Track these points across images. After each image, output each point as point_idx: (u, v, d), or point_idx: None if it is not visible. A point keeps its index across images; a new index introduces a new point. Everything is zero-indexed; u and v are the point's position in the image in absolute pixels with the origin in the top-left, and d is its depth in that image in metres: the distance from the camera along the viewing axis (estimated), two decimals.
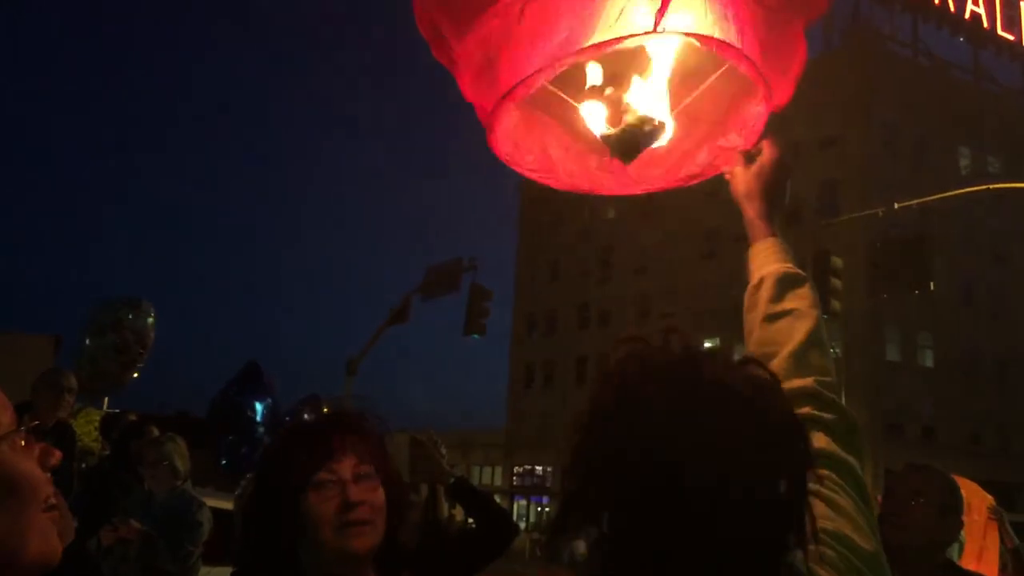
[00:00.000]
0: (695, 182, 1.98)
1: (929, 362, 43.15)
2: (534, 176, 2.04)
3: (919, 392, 41.30)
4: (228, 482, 8.22)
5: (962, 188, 19.78)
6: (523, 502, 55.38)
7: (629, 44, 1.70)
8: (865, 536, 1.25)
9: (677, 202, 42.63)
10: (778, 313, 1.53)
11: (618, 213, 53.67)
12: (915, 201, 16.80)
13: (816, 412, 1.37)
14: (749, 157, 1.74)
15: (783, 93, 1.81)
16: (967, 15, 45.84)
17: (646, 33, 1.67)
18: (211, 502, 5.30)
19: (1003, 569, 3.95)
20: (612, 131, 1.79)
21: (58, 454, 1.16)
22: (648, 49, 1.79)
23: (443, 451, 3.81)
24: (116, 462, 5.65)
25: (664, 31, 1.67)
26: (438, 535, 3.77)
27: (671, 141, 1.89)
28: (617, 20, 1.66)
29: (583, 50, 1.71)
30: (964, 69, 48.47)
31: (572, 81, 1.83)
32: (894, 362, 41.51)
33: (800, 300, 1.54)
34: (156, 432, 5.48)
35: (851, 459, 1.34)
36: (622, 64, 1.81)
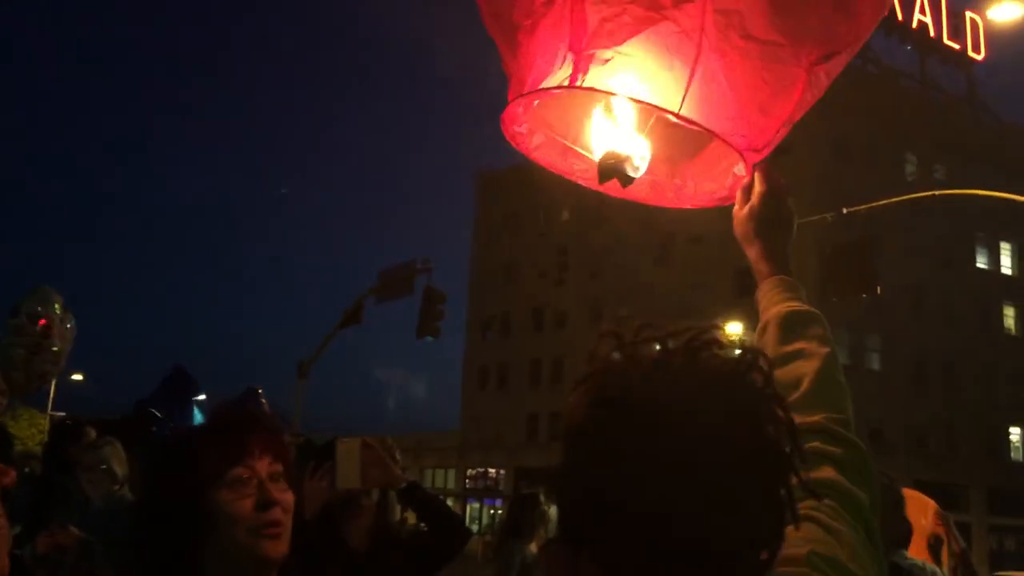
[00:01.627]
0: (712, 204, 1.88)
1: (877, 365, 43.89)
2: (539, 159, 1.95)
3: (867, 394, 42.04)
4: None
5: (909, 194, 20.13)
6: (476, 504, 55.33)
7: (559, 94, 1.67)
8: (863, 566, 1.22)
9: (631, 205, 42.71)
10: (786, 356, 1.48)
11: (572, 216, 53.88)
12: (863, 207, 17.03)
13: (824, 446, 1.34)
14: (746, 193, 1.68)
15: (761, 135, 1.68)
16: (914, 24, 46.76)
17: (560, 87, 1.62)
18: None
19: (953, 571, 4.00)
20: (599, 161, 1.74)
21: (11, 473, 1.08)
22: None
23: (397, 456, 3.76)
24: (51, 466, 5.51)
25: (581, 86, 1.60)
26: (389, 539, 3.72)
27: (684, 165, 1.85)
28: (561, 68, 1.62)
29: (524, 96, 1.69)
30: (911, 77, 49.43)
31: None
32: (843, 365, 41.93)
33: (807, 340, 1.49)
34: (93, 435, 5.35)
35: (858, 492, 1.30)
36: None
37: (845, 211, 16.67)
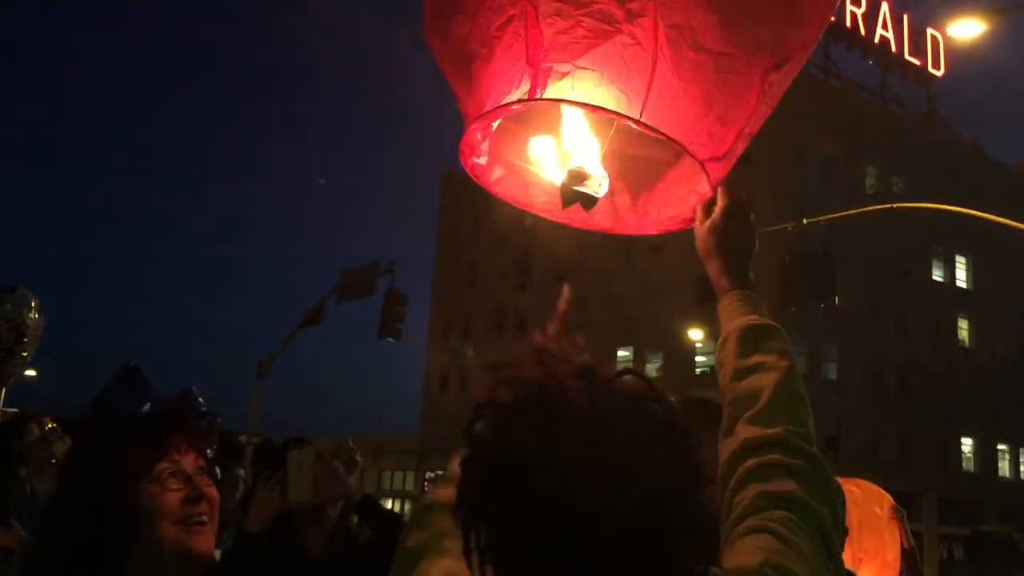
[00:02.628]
0: (675, 227, 1.88)
1: (833, 374, 44.38)
2: (498, 193, 1.95)
3: (823, 403, 42.46)
4: None
5: (868, 206, 20.37)
6: None
7: (518, 109, 1.66)
8: None
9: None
10: (745, 369, 1.50)
11: (537, 220, 53.57)
12: (823, 217, 17.23)
13: (784, 459, 1.34)
14: (707, 209, 1.69)
15: (720, 144, 1.70)
16: (876, 39, 47.40)
17: (520, 101, 1.62)
18: None
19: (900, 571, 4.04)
20: (560, 187, 1.74)
21: None
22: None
23: (358, 458, 3.72)
24: None
25: (540, 98, 1.60)
26: (346, 544, 3.69)
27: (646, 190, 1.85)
28: (519, 85, 1.62)
29: (485, 115, 1.68)
30: (872, 91, 50.11)
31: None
32: (800, 373, 42.53)
33: (766, 353, 1.50)
34: (36, 432, 5.23)
35: (817, 506, 1.30)
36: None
37: (805, 221, 16.88)
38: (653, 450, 1.04)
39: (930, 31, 49.48)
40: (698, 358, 45.35)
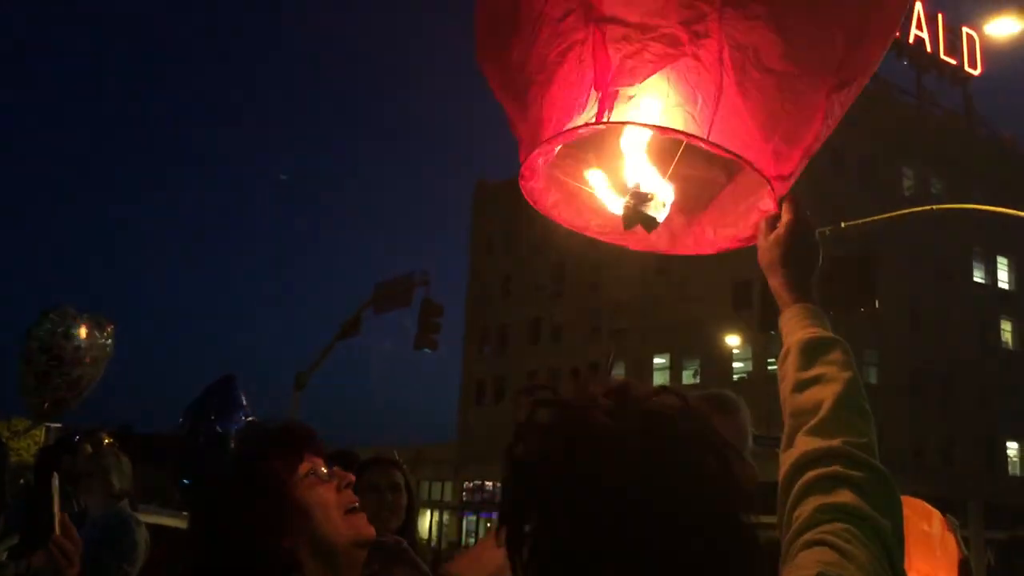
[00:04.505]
0: (737, 245, 1.90)
1: (874, 379, 43.87)
2: (559, 219, 1.99)
3: None
4: (173, 499, 8.02)
5: (906, 208, 20.16)
6: (472, 517, 55.14)
7: (585, 132, 1.68)
8: None
9: None
10: (805, 381, 1.49)
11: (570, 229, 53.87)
12: (861, 220, 17.05)
13: (844, 470, 1.34)
14: (771, 224, 1.70)
15: (787, 164, 1.71)
16: (911, 39, 46.92)
17: (587, 125, 1.63)
18: (152, 519, 5.17)
19: None
20: (623, 209, 1.76)
21: None
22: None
23: (401, 475, 3.54)
24: (42, 477, 5.44)
25: (607, 123, 1.62)
26: None
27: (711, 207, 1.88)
28: (585, 109, 1.64)
29: (548, 140, 1.70)
30: (908, 92, 49.59)
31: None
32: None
33: (827, 365, 1.50)
34: (90, 449, 5.31)
35: (880, 519, 1.28)
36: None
37: (844, 225, 16.70)
38: (686, 470, 1.05)
39: (965, 30, 48.88)
40: (735, 364, 45.02)
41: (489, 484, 54.88)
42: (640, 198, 1.71)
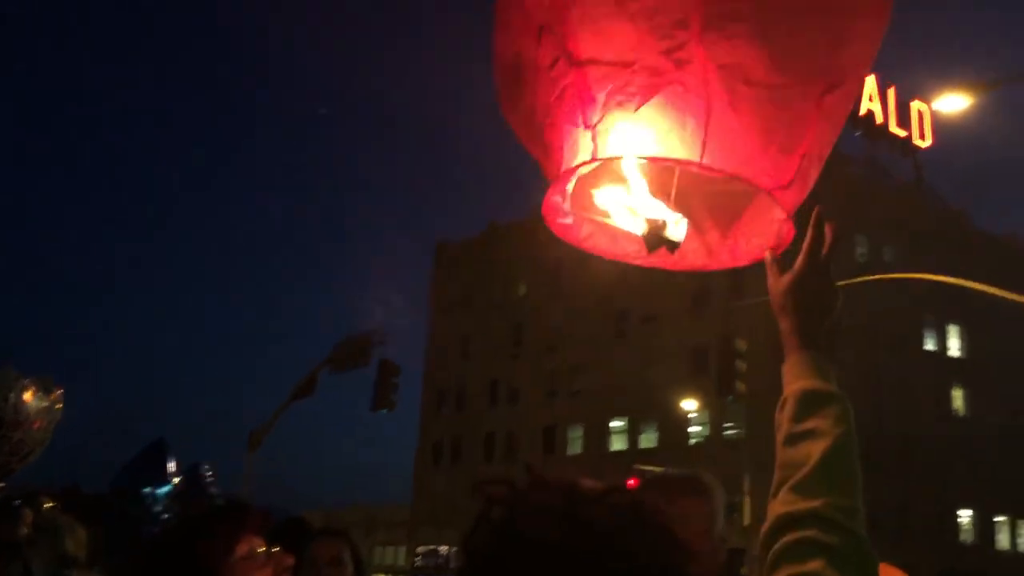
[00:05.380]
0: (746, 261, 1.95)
1: None
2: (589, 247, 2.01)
3: None
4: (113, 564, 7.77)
5: (860, 276, 20.47)
6: None
7: (583, 171, 1.74)
8: None
9: (588, 281, 43.16)
10: (798, 434, 1.46)
11: (530, 290, 54.09)
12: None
13: (820, 536, 1.31)
14: (776, 262, 1.68)
15: (785, 172, 1.73)
16: (863, 111, 48.11)
17: (584, 163, 1.70)
18: None
19: None
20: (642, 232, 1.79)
21: None
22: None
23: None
24: None
25: (600, 159, 1.68)
26: None
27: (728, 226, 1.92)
28: (582, 148, 1.71)
29: (554, 182, 1.78)
30: (861, 162, 50.76)
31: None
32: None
33: (821, 419, 1.47)
34: (30, 518, 5.02)
35: None
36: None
37: None
38: None
39: (916, 104, 50.25)
40: (691, 428, 45.09)
41: (443, 548, 54.06)
42: (654, 225, 1.74)
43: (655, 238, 1.74)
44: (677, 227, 1.75)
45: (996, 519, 48.81)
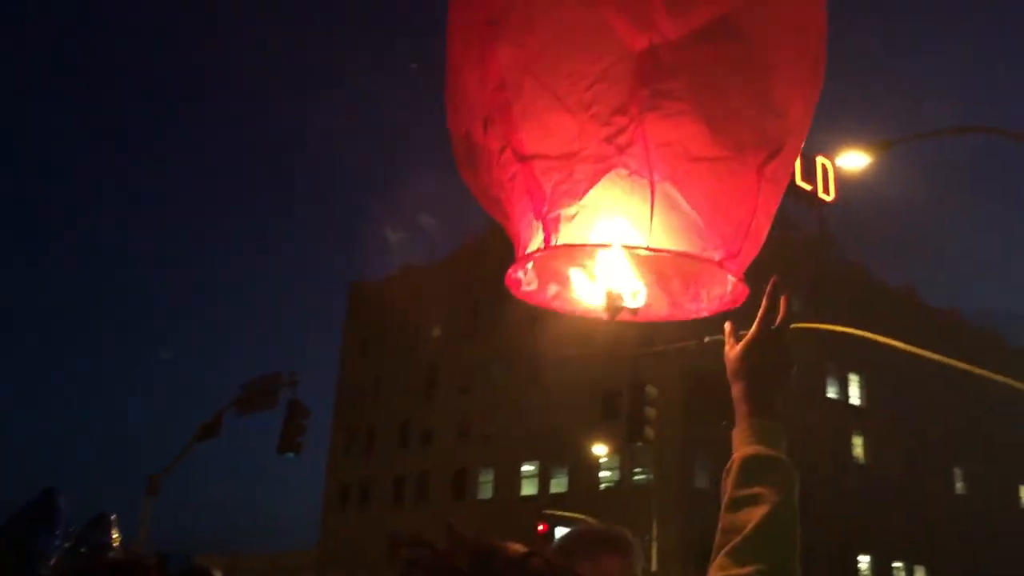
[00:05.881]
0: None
1: None
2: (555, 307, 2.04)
3: None
4: None
5: None
6: None
7: (538, 257, 1.80)
8: None
9: (503, 324, 43.23)
10: (739, 500, 1.49)
11: (444, 332, 53.86)
12: (722, 336, 17.65)
13: None
14: (733, 331, 1.73)
15: (733, 242, 1.79)
16: None
17: (538, 251, 1.75)
18: None
19: None
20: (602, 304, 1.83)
21: None
22: None
23: None
24: None
25: (555, 246, 1.72)
26: None
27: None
28: (536, 234, 1.76)
29: (513, 264, 1.84)
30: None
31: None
32: (702, 489, 42.83)
33: (763, 486, 1.50)
34: None
35: None
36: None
37: (707, 340, 17.28)
38: None
39: (820, 159, 51.99)
40: (602, 473, 45.23)
41: None
42: (611, 297, 1.78)
43: (614, 309, 1.78)
44: (635, 298, 1.80)
45: (894, 564, 50.02)
